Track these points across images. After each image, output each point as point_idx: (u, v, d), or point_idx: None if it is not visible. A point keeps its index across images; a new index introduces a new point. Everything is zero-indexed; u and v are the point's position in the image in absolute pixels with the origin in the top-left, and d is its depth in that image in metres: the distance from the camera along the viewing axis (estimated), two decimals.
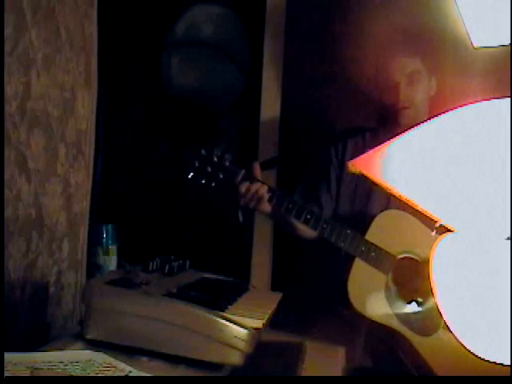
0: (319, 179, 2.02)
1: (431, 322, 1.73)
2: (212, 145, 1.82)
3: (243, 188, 1.80)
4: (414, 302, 1.78)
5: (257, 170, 1.83)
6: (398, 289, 1.79)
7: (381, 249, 1.78)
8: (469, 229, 0.90)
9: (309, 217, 1.78)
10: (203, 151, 1.79)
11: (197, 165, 1.78)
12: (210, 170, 1.78)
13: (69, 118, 1.60)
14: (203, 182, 1.78)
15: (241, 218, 1.97)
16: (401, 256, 1.80)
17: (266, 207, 1.83)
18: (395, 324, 1.75)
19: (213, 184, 1.78)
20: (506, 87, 1.72)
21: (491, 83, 2.09)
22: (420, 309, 1.77)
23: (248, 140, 2.44)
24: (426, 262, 0.92)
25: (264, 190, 1.79)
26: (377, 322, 1.75)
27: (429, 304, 1.74)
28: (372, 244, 1.78)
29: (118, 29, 2.40)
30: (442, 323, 1.70)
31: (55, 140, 1.53)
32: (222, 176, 1.78)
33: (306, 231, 1.90)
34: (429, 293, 1.69)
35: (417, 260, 1.80)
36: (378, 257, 1.77)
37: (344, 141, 2.01)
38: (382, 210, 1.85)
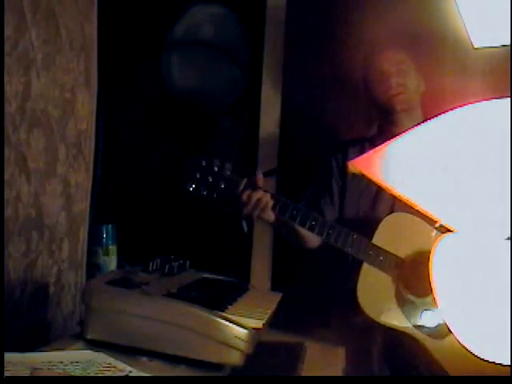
0: (321, 192, 2.00)
1: (444, 325, 1.71)
2: (212, 154, 1.78)
3: (245, 196, 1.76)
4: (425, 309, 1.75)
5: (259, 180, 1.79)
6: (408, 291, 1.76)
7: (388, 252, 1.76)
8: (469, 229, 0.90)
9: (314, 223, 1.75)
10: (203, 162, 1.76)
11: (198, 176, 1.74)
12: (211, 180, 1.75)
13: (69, 118, 1.60)
14: (205, 193, 1.75)
15: (245, 229, 1.93)
16: (408, 258, 1.77)
17: (270, 215, 1.80)
18: (408, 328, 1.73)
19: (215, 195, 1.75)
20: (506, 87, 1.72)
21: (491, 83, 2.09)
22: (431, 312, 1.73)
23: (247, 140, 2.44)
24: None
25: (267, 198, 1.76)
26: (390, 328, 1.73)
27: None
28: (379, 248, 1.76)
29: (118, 29, 2.39)
30: None
31: (55, 140, 1.53)
32: (223, 186, 1.75)
33: (310, 240, 1.90)
34: None
35: (424, 261, 1.77)
36: (386, 260, 1.76)
37: (344, 150, 2.00)
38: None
